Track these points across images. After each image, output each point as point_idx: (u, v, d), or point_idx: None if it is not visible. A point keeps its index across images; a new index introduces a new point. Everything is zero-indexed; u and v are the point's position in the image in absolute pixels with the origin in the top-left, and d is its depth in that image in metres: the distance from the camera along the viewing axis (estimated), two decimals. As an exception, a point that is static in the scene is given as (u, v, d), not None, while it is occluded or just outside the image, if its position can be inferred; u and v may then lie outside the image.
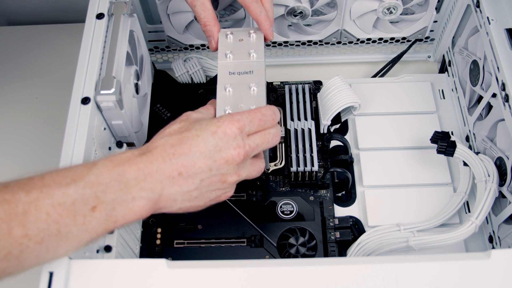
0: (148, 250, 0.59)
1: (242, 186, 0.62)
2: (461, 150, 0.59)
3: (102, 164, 0.41)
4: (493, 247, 0.58)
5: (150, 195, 0.41)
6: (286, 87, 0.68)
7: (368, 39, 0.73)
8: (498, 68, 0.54)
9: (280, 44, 0.74)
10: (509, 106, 0.52)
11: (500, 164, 0.56)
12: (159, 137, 0.45)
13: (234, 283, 0.40)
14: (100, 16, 0.55)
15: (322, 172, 0.63)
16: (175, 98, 0.69)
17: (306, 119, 0.64)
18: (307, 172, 0.61)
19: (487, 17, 0.57)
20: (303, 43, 0.74)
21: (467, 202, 0.62)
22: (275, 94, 0.71)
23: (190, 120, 0.47)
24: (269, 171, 0.62)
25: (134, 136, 0.57)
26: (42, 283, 0.39)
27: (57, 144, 0.47)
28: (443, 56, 0.74)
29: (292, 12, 0.65)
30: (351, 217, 0.61)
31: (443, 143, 0.59)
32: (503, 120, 0.55)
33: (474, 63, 0.62)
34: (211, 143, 0.44)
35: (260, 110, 0.48)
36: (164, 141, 0.44)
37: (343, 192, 0.64)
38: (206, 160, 0.44)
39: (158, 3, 0.65)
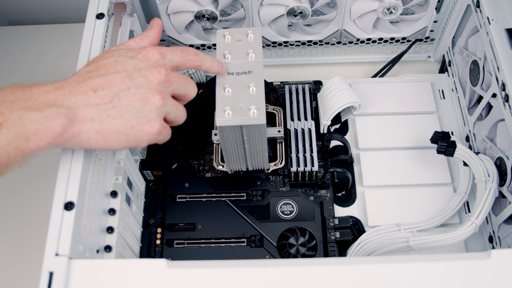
0: (148, 250, 0.59)
1: (242, 186, 0.63)
2: (461, 150, 0.59)
3: (9, 86, 0.40)
4: (493, 247, 0.58)
5: (62, 111, 0.40)
6: (286, 87, 0.68)
7: (368, 39, 0.73)
8: (498, 68, 0.54)
9: (280, 44, 0.74)
10: (509, 106, 0.52)
11: (500, 164, 0.56)
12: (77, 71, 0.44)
13: (234, 283, 0.40)
14: (100, 16, 0.55)
15: (322, 172, 0.63)
16: (175, 98, 0.69)
17: (306, 119, 0.64)
18: (307, 172, 0.61)
19: (487, 17, 0.57)
20: (303, 43, 0.74)
21: (467, 202, 0.62)
22: (275, 94, 0.71)
23: (112, 49, 0.47)
24: (269, 171, 0.62)
25: (134, 136, 0.57)
26: (42, 283, 0.39)
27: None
28: (443, 56, 0.74)
29: (292, 12, 0.65)
30: (351, 217, 0.61)
31: (443, 143, 0.59)
32: (503, 120, 0.55)
33: (474, 63, 0.62)
34: (129, 64, 0.43)
35: (182, 46, 0.49)
36: (80, 69, 0.43)
37: (343, 192, 0.64)
38: (123, 78, 0.42)
39: (158, 3, 0.65)
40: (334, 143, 0.66)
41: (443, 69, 0.74)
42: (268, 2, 0.65)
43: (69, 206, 0.43)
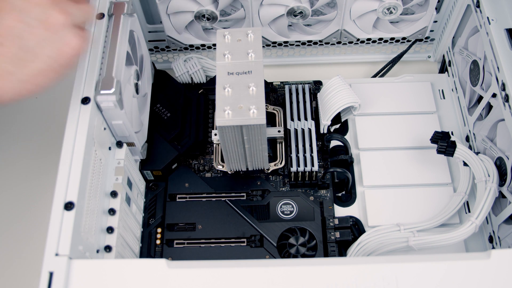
0: (148, 250, 0.59)
1: (242, 186, 0.63)
2: (461, 150, 0.59)
3: None
4: (493, 247, 0.58)
5: None
6: (286, 87, 0.68)
7: (368, 39, 0.73)
8: (498, 68, 0.54)
9: (280, 44, 0.74)
10: (509, 106, 0.52)
11: (500, 164, 0.56)
12: None
13: (234, 283, 0.40)
14: (100, 16, 0.55)
15: (322, 172, 0.63)
16: (175, 98, 0.69)
17: (306, 119, 0.64)
18: (307, 172, 0.61)
19: (487, 17, 0.57)
20: (303, 43, 0.74)
21: (467, 202, 0.62)
22: (275, 94, 0.71)
23: None
24: (269, 171, 0.62)
25: (134, 136, 0.57)
26: (42, 283, 0.39)
27: (57, 144, 0.47)
28: (443, 56, 0.74)
29: (292, 12, 0.65)
30: (351, 217, 0.61)
31: (443, 143, 0.59)
32: (503, 120, 0.55)
33: (474, 63, 0.63)
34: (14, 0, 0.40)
35: None
36: None
37: (343, 192, 0.64)
38: (12, 16, 0.40)
39: (158, 3, 0.65)
40: (334, 143, 0.66)
41: (443, 69, 0.74)
42: (268, 2, 0.65)
43: (69, 206, 0.43)
